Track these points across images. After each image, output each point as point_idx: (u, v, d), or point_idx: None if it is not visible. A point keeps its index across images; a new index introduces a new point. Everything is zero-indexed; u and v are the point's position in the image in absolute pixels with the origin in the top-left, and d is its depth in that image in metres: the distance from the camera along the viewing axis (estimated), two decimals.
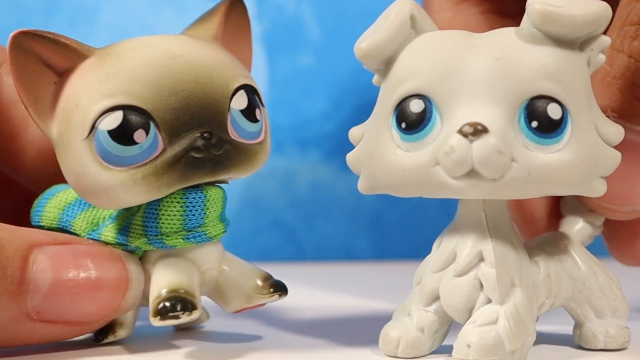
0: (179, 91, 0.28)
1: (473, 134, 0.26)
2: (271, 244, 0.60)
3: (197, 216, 0.30)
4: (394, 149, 0.28)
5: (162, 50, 0.29)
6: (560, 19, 0.27)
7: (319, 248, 0.60)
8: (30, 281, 0.28)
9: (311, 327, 0.35)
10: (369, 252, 0.60)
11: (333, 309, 0.40)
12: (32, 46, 0.28)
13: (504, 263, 0.28)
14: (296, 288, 0.47)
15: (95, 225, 0.31)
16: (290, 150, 0.59)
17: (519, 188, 0.27)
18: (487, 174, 0.26)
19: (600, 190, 0.28)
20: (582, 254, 0.30)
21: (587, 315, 0.30)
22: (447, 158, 0.26)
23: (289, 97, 0.59)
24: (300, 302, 0.42)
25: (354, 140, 0.30)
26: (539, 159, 0.27)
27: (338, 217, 0.60)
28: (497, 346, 0.27)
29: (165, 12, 0.60)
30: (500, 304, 0.27)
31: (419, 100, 0.27)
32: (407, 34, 0.29)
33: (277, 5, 0.60)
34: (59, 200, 0.32)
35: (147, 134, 0.28)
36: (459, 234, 0.28)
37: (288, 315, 0.38)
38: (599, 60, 0.28)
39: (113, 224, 0.31)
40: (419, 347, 0.29)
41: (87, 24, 0.60)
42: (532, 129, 0.27)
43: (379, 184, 0.29)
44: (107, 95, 0.28)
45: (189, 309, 0.28)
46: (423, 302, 0.29)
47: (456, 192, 0.27)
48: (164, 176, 0.28)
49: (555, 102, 0.27)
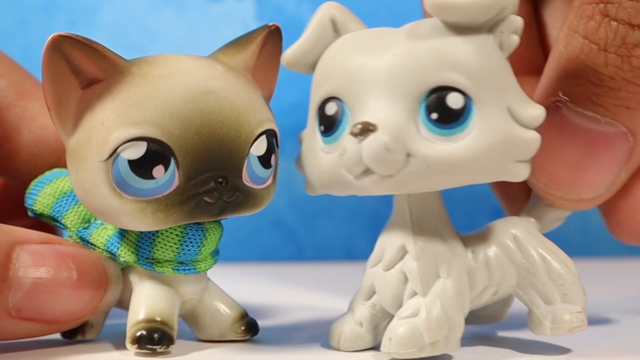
0: (205, 131, 0.28)
1: (360, 133, 0.26)
2: (271, 244, 0.60)
3: (192, 251, 0.30)
4: (319, 151, 0.29)
5: (196, 82, 0.28)
6: (453, 8, 0.26)
7: (319, 248, 0.60)
8: (12, 278, 0.28)
9: (311, 327, 0.35)
10: (368, 252, 0.60)
11: (333, 309, 0.39)
12: (68, 50, 0.28)
13: (426, 255, 0.28)
14: (296, 288, 0.47)
15: (86, 222, 0.31)
16: (290, 150, 0.59)
17: (421, 181, 0.27)
18: (379, 170, 0.27)
19: (521, 174, 0.27)
20: (529, 239, 0.29)
21: (535, 302, 0.29)
22: (342, 159, 0.27)
23: (289, 97, 0.59)
24: (300, 302, 0.42)
25: (301, 143, 0.30)
26: (440, 151, 0.26)
27: (338, 217, 0.60)
28: (415, 338, 0.27)
29: (165, 12, 0.60)
30: (424, 296, 0.28)
31: (333, 103, 0.28)
32: (330, 38, 0.29)
33: (277, 5, 0.60)
34: (56, 187, 0.32)
35: (165, 170, 0.28)
36: (388, 230, 0.29)
37: (288, 315, 0.38)
38: (512, 41, 0.27)
39: (105, 228, 0.31)
40: (358, 340, 0.30)
41: (87, 24, 0.60)
42: (432, 120, 0.26)
43: (314, 185, 0.29)
44: (134, 123, 0.28)
45: (166, 343, 0.29)
46: (363, 297, 0.30)
47: (361, 190, 0.27)
48: (173, 214, 0.28)
49: (456, 92, 0.26)
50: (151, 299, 0.30)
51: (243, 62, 0.31)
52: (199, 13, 0.59)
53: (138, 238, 0.30)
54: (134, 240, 0.30)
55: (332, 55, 0.29)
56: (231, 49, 0.31)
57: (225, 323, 0.31)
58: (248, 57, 0.31)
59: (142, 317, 0.29)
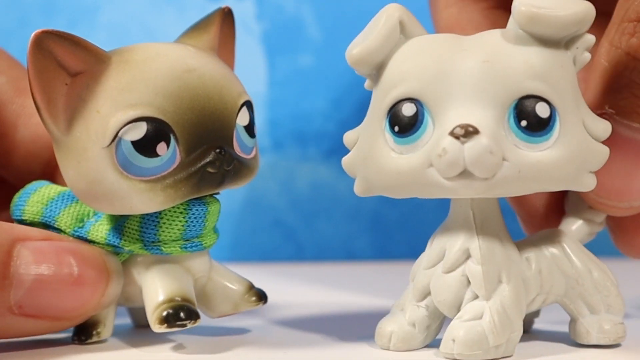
0: (195, 105, 0.29)
1: (464, 136, 0.27)
2: (271, 244, 0.60)
3: (197, 227, 0.30)
4: (388, 152, 0.28)
5: (177, 62, 0.30)
6: (546, 20, 0.27)
7: (319, 248, 0.60)
8: (13, 275, 0.28)
9: (311, 326, 0.35)
10: (368, 252, 0.60)
11: (333, 309, 0.40)
12: (50, 46, 0.28)
13: (491, 260, 0.29)
14: (296, 288, 0.47)
15: (80, 221, 0.31)
16: (290, 150, 0.59)
17: (511, 186, 0.27)
18: (479, 173, 0.27)
19: (590, 185, 0.28)
20: (576, 251, 0.31)
21: (581, 311, 0.30)
22: (440, 160, 0.27)
23: (289, 97, 0.59)
24: (300, 301, 0.42)
25: (349, 144, 0.30)
26: (529, 157, 0.27)
27: (338, 217, 0.60)
28: (481, 341, 0.28)
29: (165, 12, 0.60)
30: (487, 300, 0.28)
31: (411, 104, 0.28)
32: (397, 39, 0.29)
33: (277, 5, 0.60)
34: (42, 195, 0.32)
35: (167, 146, 0.29)
36: (449, 232, 0.29)
37: (288, 314, 0.38)
38: (584, 58, 0.29)
39: (101, 223, 0.31)
40: (410, 341, 0.30)
41: (87, 24, 0.60)
42: (522, 128, 0.27)
43: (375, 187, 0.29)
44: (131, 105, 0.28)
45: (193, 318, 0.29)
46: (416, 298, 0.30)
47: (450, 192, 0.28)
48: (181, 189, 0.29)
49: (543, 101, 0.27)
50: (168, 279, 0.30)
51: (208, 42, 0.32)
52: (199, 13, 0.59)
53: (141, 224, 0.30)
54: (136, 227, 0.30)
55: (407, 56, 0.29)
56: (193, 32, 0.33)
57: (236, 296, 0.32)
58: (211, 38, 0.32)
59: (162, 299, 0.30)
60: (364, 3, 0.59)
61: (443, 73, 0.28)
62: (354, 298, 0.44)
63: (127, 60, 0.29)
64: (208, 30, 0.32)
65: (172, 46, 0.31)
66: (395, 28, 0.29)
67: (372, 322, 0.31)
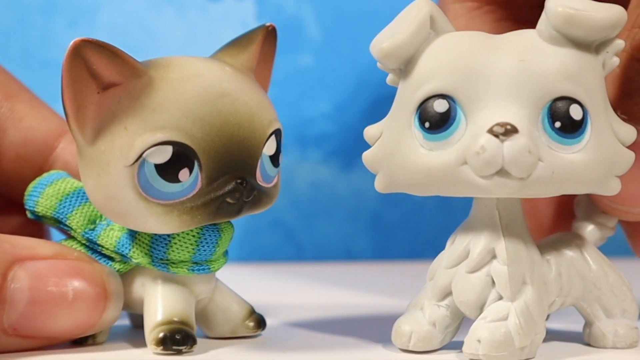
0: (224, 133, 0.29)
1: (504, 134, 0.27)
2: (271, 244, 0.60)
3: (207, 251, 0.30)
4: (417, 148, 0.28)
5: (212, 85, 0.29)
6: (582, 22, 0.27)
7: (319, 248, 0.60)
8: (6, 299, 0.28)
9: (311, 326, 0.35)
10: (369, 252, 0.60)
11: (335, 310, 0.40)
12: (87, 54, 0.27)
13: (516, 261, 0.28)
14: (296, 288, 0.47)
15: (92, 223, 0.31)
16: (290, 150, 0.59)
17: (544, 187, 0.27)
18: (516, 173, 0.27)
19: (615, 189, 0.28)
20: (593, 254, 0.31)
21: (597, 315, 0.30)
22: (478, 157, 0.27)
23: (289, 97, 0.59)
24: (300, 302, 0.42)
25: (371, 139, 0.30)
26: (563, 159, 0.27)
27: (338, 217, 0.60)
28: (507, 342, 0.27)
29: (165, 12, 0.60)
30: (511, 301, 0.28)
31: (443, 100, 0.28)
32: (427, 34, 0.29)
33: (277, 5, 0.60)
34: (57, 189, 0.32)
35: (190, 173, 0.28)
36: (472, 231, 0.29)
37: (288, 315, 0.38)
38: (613, 62, 0.28)
39: (112, 228, 0.31)
40: (431, 341, 0.29)
41: (87, 24, 0.60)
42: (555, 129, 0.27)
43: (399, 183, 0.29)
44: (159, 127, 0.28)
45: (190, 343, 0.29)
46: (436, 297, 0.30)
47: (484, 191, 0.27)
48: (197, 216, 0.29)
49: (576, 103, 0.27)
50: (168, 300, 0.30)
51: (247, 62, 0.31)
52: (199, 13, 0.59)
53: (152, 240, 0.30)
54: (146, 241, 0.30)
55: (439, 52, 0.28)
56: (233, 49, 0.31)
57: (236, 320, 0.32)
58: (250, 58, 0.31)
59: (161, 319, 0.29)
60: (364, 3, 0.59)
61: (477, 70, 0.27)
62: (355, 299, 0.43)
63: (163, 78, 0.29)
64: (248, 49, 0.31)
65: (209, 65, 0.30)
66: (425, 22, 0.28)
67: (378, 324, 0.31)
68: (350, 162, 0.57)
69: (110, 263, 0.31)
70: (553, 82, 0.27)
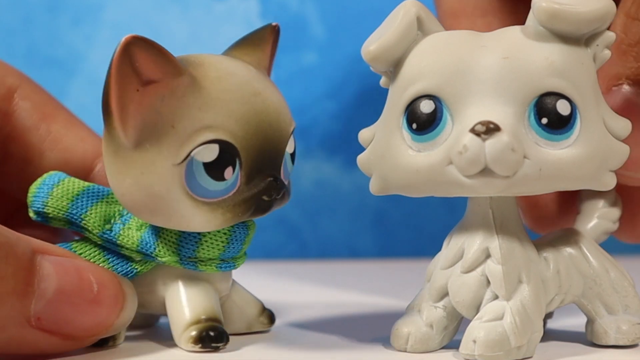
0: (260, 132, 0.29)
1: (485, 133, 0.26)
2: (275, 242, 0.60)
3: (236, 248, 0.31)
4: (406, 150, 0.28)
5: (246, 84, 0.29)
6: (567, 17, 0.27)
7: (323, 246, 0.60)
8: (36, 284, 0.28)
9: (313, 325, 0.35)
10: (372, 249, 0.60)
11: (338, 308, 0.40)
12: (133, 51, 0.27)
13: (511, 259, 0.28)
14: (300, 286, 0.47)
15: (107, 222, 0.31)
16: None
17: (531, 184, 0.27)
18: (500, 171, 0.27)
19: (610, 184, 0.28)
20: (593, 251, 0.30)
21: (599, 312, 0.30)
22: (461, 157, 0.27)
23: (293, 95, 0.59)
24: (303, 299, 0.42)
25: (364, 142, 0.30)
26: (550, 155, 0.27)
27: (342, 214, 0.60)
28: (503, 342, 0.27)
29: (169, 10, 0.60)
30: (507, 300, 0.28)
31: (429, 101, 0.28)
32: (414, 36, 0.29)
33: (281, 3, 0.60)
34: (66, 189, 0.31)
35: (233, 171, 0.29)
36: (467, 231, 0.29)
37: (291, 313, 0.38)
38: (604, 55, 0.28)
39: (130, 227, 0.31)
40: (428, 342, 0.29)
41: (91, 22, 0.60)
42: (542, 125, 0.27)
43: (391, 185, 0.29)
44: (207, 126, 0.28)
45: (225, 341, 0.30)
46: (432, 299, 0.30)
47: (469, 190, 0.27)
48: (238, 214, 0.29)
49: (564, 99, 0.27)
50: (203, 298, 0.30)
51: (262, 61, 0.32)
52: (203, 11, 0.59)
53: (180, 238, 0.30)
54: (174, 240, 0.30)
55: (425, 53, 0.28)
56: (247, 47, 0.32)
57: (251, 316, 0.33)
58: (266, 57, 0.32)
59: (196, 317, 0.30)
60: (368, 1, 0.59)
61: (462, 69, 0.27)
62: (358, 297, 0.43)
63: (203, 77, 0.29)
64: (262, 48, 0.32)
65: (237, 64, 0.30)
66: (412, 24, 0.29)
67: (380, 323, 0.31)
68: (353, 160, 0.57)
69: (129, 264, 0.31)
70: (538, 78, 0.27)
